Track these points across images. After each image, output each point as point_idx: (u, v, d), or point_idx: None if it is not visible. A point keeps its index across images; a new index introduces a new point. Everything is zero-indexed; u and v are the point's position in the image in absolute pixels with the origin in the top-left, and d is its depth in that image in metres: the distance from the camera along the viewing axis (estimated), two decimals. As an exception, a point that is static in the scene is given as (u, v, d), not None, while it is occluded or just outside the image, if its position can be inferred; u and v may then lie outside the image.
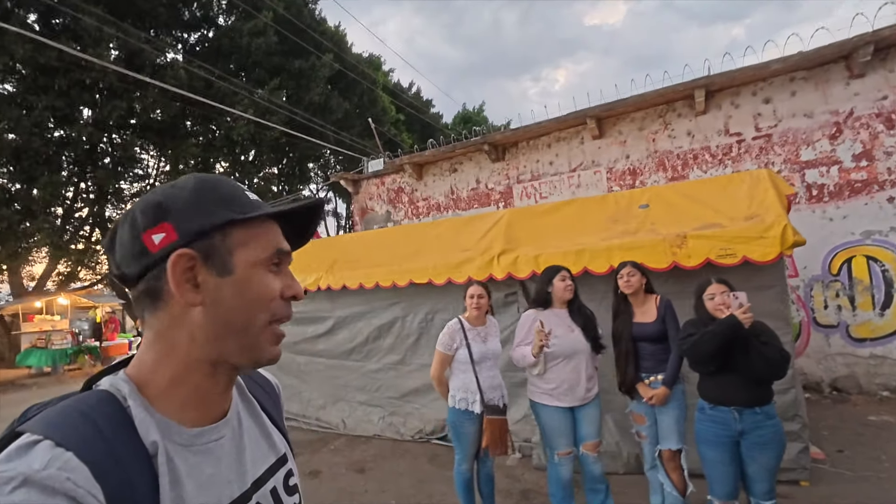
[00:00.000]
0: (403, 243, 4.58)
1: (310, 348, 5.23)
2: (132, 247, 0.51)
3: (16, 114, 11.41)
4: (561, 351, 2.56)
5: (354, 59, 20.15)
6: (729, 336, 2.18)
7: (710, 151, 5.64)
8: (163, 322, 0.52)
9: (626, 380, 2.62)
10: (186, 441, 0.51)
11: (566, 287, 2.63)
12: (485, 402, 2.59)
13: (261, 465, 0.60)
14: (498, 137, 6.84)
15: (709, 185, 3.38)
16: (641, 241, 3.14)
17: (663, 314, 2.61)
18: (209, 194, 0.54)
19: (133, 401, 0.49)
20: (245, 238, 0.55)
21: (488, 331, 2.78)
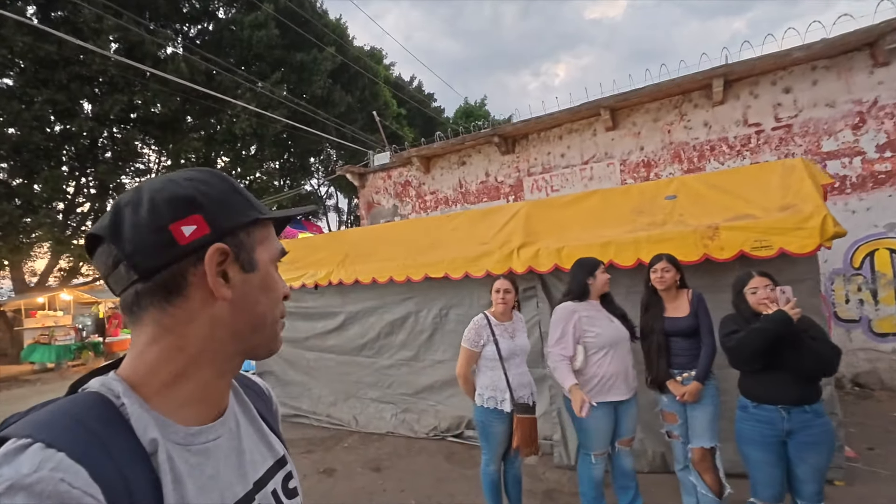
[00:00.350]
0: (418, 237, 4.46)
1: (320, 344, 5.13)
2: (155, 237, 0.49)
3: (16, 108, 11.26)
4: (606, 341, 2.49)
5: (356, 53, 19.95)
6: (780, 332, 2.08)
7: (728, 143, 5.51)
8: (176, 317, 0.51)
9: (657, 375, 2.53)
10: (184, 440, 0.50)
11: (606, 280, 2.58)
12: (514, 400, 2.50)
13: (260, 466, 0.60)
14: (508, 129, 6.70)
15: (739, 175, 3.26)
16: (670, 232, 3.03)
17: (695, 308, 2.52)
18: (235, 192, 0.56)
19: (128, 398, 0.47)
20: (263, 236, 0.58)
21: (515, 326, 2.68)
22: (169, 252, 0.50)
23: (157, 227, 0.50)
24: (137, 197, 0.51)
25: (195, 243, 0.50)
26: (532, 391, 2.63)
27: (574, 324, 2.49)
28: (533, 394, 2.63)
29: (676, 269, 2.56)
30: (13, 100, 11.30)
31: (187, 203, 0.51)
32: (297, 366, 5.32)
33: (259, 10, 15.23)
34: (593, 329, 2.50)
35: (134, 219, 0.50)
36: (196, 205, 0.51)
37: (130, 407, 0.47)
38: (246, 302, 0.54)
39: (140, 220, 0.50)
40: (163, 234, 0.50)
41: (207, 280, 0.51)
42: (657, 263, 2.57)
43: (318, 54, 16.51)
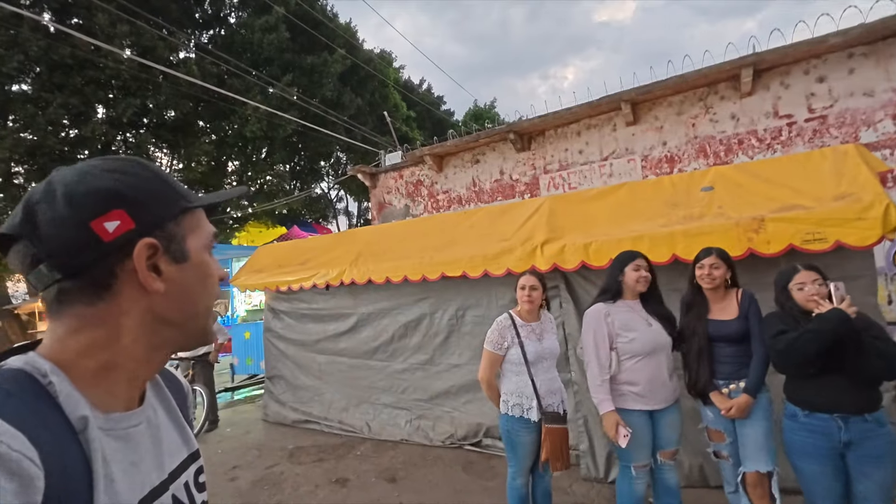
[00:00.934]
0: (433, 234, 4.27)
1: (331, 347, 4.95)
2: (77, 235, 0.47)
3: (31, 111, 11.35)
4: (641, 348, 2.24)
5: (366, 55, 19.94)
6: (838, 333, 1.84)
7: (757, 135, 5.24)
8: (106, 311, 0.50)
9: (698, 381, 2.26)
10: (106, 425, 0.49)
11: (639, 278, 2.31)
12: (543, 408, 2.27)
13: (176, 457, 0.60)
14: (524, 125, 6.49)
15: (783, 164, 3.02)
16: (710, 226, 2.79)
17: (746, 310, 2.25)
18: (161, 180, 0.54)
19: (56, 377, 0.46)
20: (192, 224, 0.56)
21: (544, 327, 2.46)
22: (93, 250, 0.48)
23: (77, 223, 0.47)
24: (49, 190, 0.48)
25: (120, 239, 0.49)
26: (563, 399, 2.41)
27: (606, 329, 2.27)
28: (564, 402, 2.41)
29: (727, 266, 2.31)
30: (28, 104, 11.39)
31: (108, 196, 0.49)
32: (307, 370, 5.15)
33: (270, 14, 15.27)
34: (628, 334, 2.26)
35: (50, 215, 0.47)
36: (118, 198, 0.49)
37: (59, 384, 0.46)
38: (180, 292, 0.53)
39: (57, 216, 0.47)
40: (84, 231, 0.47)
41: (137, 275, 0.50)
42: (705, 258, 2.31)
43: (329, 57, 16.50)
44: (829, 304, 1.91)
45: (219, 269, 0.59)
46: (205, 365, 5.31)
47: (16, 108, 11.34)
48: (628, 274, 2.31)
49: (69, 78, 11.67)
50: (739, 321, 2.24)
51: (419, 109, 24.45)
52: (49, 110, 11.37)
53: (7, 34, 10.39)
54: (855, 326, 1.84)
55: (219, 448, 4.55)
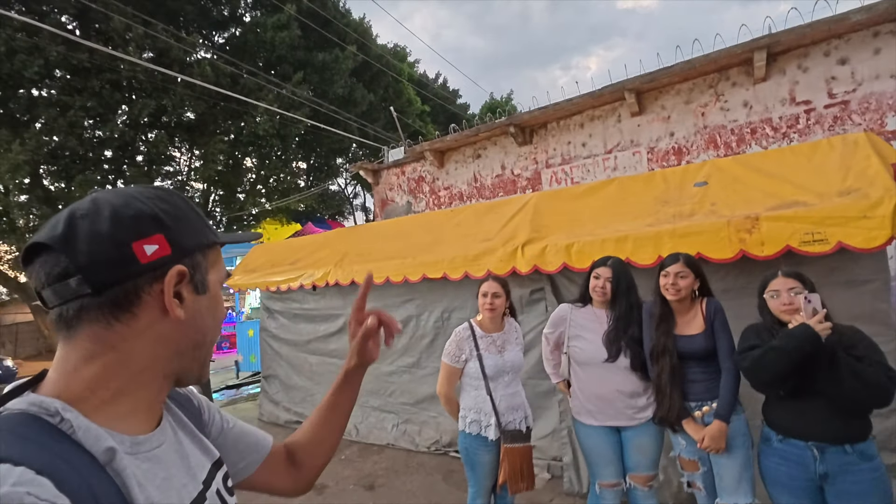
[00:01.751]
0: (419, 233, 4.13)
1: (322, 347, 4.89)
2: (115, 252, 0.49)
3: (52, 115, 11.73)
4: (587, 358, 2.13)
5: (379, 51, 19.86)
6: (805, 352, 1.62)
7: (772, 124, 4.88)
8: (121, 334, 0.50)
9: (670, 410, 1.99)
10: (132, 449, 0.49)
11: (595, 287, 2.15)
12: (502, 426, 2.12)
13: (203, 468, 0.60)
14: (525, 118, 6.26)
15: (786, 155, 2.74)
16: (699, 225, 2.56)
17: (712, 321, 2.00)
18: (195, 213, 0.58)
19: (69, 413, 0.45)
20: (215, 259, 0.60)
21: (506, 337, 2.29)
22: (127, 269, 0.49)
23: (119, 242, 0.49)
24: (95, 209, 0.50)
25: (155, 262, 0.51)
26: (526, 414, 2.24)
27: (559, 331, 2.24)
28: (527, 418, 2.25)
29: (696, 276, 2.06)
30: (50, 107, 11.77)
31: (152, 222, 0.51)
32: (300, 370, 5.11)
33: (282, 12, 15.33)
34: (578, 342, 2.15)
35: (92, 231, 0.48)
36: (160, 224, 0.51)
37: (76, 421, 0.45)
38: (194, 322, 0.55)
39: (99, 233, 0.48)
40: (123, 250, 0.49)
41: (161, 299, 0.51)
42: (671, 265, 2.05)
43: (340, 53, 16.48)
44: (800, 318, 1.68)
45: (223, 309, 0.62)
46: (201, 364, 5.34)
47: (39, 112, 11.73)
48: (591, 282, 2.15)
49: (87, 81, 12.00)
50: (706, 336, 2.00)
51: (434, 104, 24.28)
52: (69, 113, 11.73)
53: (28, 41, 10.71)
54: (830, 344, 1.62)
55: (209, 448, 4.56)
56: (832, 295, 2.50)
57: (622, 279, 2.15)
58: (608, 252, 2.78)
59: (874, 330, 2.45)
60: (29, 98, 11.87)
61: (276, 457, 0.80)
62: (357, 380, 0.84)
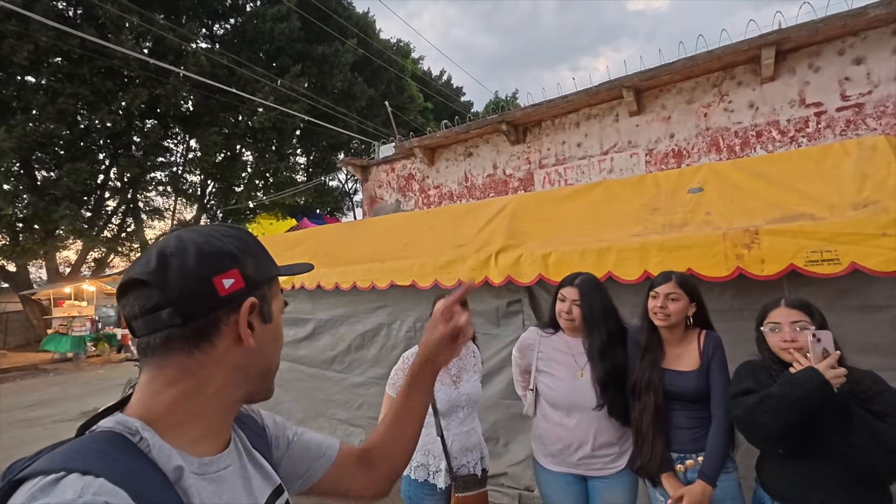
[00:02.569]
0: (392, 235, 3.83)
1: (291, 353, 4.59)
2: (200, 287, 0.54)
3: (41, 101, 11.49)
4: (554, 399, 1.80)
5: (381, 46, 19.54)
6: (810, 404, 1.30)
7: (779, 127, 4.54)
8: (200, 361, 0.55)
9: (652, 458, 1.65)
10: (199, 470, 0.53)
11: (560, 311, 1.83)
12: (453, 471, 1.80)
13: (263, 493, 0.63)
14: (517, 115, 5.94)
15: (792, 160, 2.42)
16: (691, 237, 2.24)
17: (709, 360, 1.66)
18: (261, 249, 0.63)
19: (147, 433, 0.50)
20: (276, 289, 0.65)
21: (462, 364, 1.97)
22: (209, 301, 0.54)
23: (203, 276, 0.54)
24: (182, 247, 0.55)
25: (232, 295, 0.55)
26: (482, 455, 1.93)
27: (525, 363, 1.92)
28: (483, 459, 1.92)
29: (691, 299, 1.72)
30: (38, 94, 11.53)
31: (229, 257, 0.56)
32: (269, 376, 4.83)
33: (281, 3, 15.04)
34: (546, 380, 1.83)
35: (181, 267, 0.53)
36: (235, 260, 0.57)
37: (152, 440, 0.49)
38: (262, 349, 0.60)
39: (187, 269, 0.53)
40: (206, 285, 0.54)
41: (237, 329, 0.56)
42: (661, 285, 1.73)
43: (340, 47, 16.18)
44: (806, 361, 1.36)
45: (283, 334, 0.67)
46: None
47: (28, 98, 11.48)
48: (557, 305, 1.82)
49: (78, 68, 11.75)
50: (699, 375, 1.66)
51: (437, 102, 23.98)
52: (59, 100, 11.48)
53: (17, 25, 10.46)
54: (836, 396, 1.30)
55: (165, 459, 4.28)
56: (842, 322, 2.18)
57: (595, 302, 1.81)
58: (588, 264, 2.47)
59: (892, 363, 2.15)
60: (18, 84, 11.61)
61: (345, 459, 0.81)
62: (426, 382, 0.84)
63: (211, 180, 17.11)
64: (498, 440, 3.28)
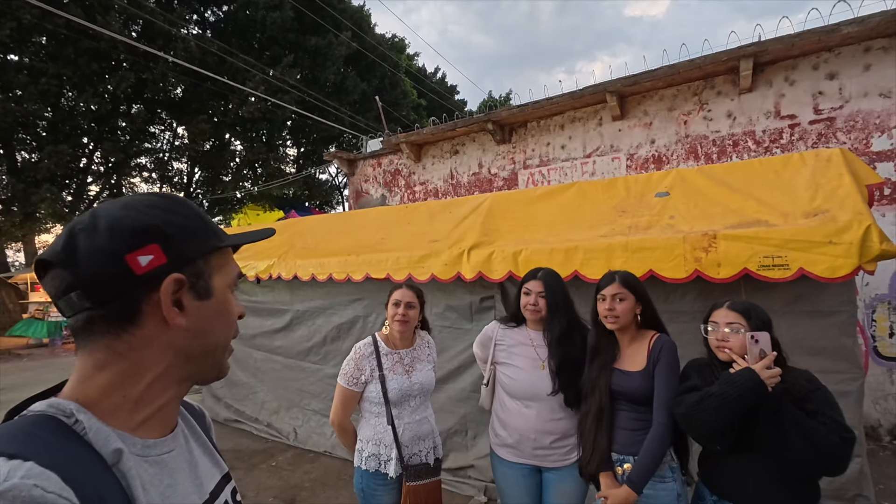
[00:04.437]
0: (371, 229, 3.85)
1: (267, 343, 4.59)
2: (111, 266, 0.49)
3: (23, 81, 11.22)
4: (514, 389, 1.85)
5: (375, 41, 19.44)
6: (746, 403, 1.37)
7: (755, 137, 4.66)
8: (129, 343, 0.52)
9: (591, 457, 1.67)
10: (141, 451, 0.51)
11: (526, 304, 1.87)
12: (404, 460, 1.83)
13: (211, 479, 0.61)
14: (503, 115, 5.99)
15: (754, 168, 2.50)
16: (654, 240, 2.31)
17: (655, 361, 1.66)
18: (199, 219, 0.57)
19: (83, 415, 0.47)
20: (220, 263, 0.59)
21: (416, 355, 2.00)
22: (123, 281, 0.50)
23: (113, 255, 0.49)
24: (93, 223, 0.50)
25: (151, 273, 0.50)
26: (435, 444, 1.96)
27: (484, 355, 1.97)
28: (436, 447, 1.96)
29: (637, 299, 1.73)
30: (20, 73, 11.26)
31: (147, 232, 0.51)
32: (244, 365, 4.81)
33: (275, -9, 14.87)
34: (506, 371, 1.88)
35: (89, 246, 0.49)
36: (156, 233, 0.51)
37: (88, 422, 0.47)
38: (200, 328, 0.55)
39: (95, 247, 0.49)
40: (118, 263, 0.49)
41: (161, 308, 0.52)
42: (607, 286, 1.73)
43: (334, 39, 16.07)
44: (743, 362, 1.43)
45: (238, 306, 0.61)
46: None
47: (9, 78, 11.20)
48: (522, 298, 1.88)
49: (63, 49, 11.50)
50: (643, 376, 1.67)
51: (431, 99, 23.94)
52: (42, 81, 11.23)
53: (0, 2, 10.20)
54: (771, 395, 1.37)
55: (135, 445, 4.27)
56: (794, 325, 2.28)
57: (558, 293, 1.85)
58: (556, 263, 2.53)
59: (838, 367, 2.25)
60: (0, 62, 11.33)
61: None
62: None
63: (198, 168, 16.89)
64: (466, 433, 3.33)
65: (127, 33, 12.46)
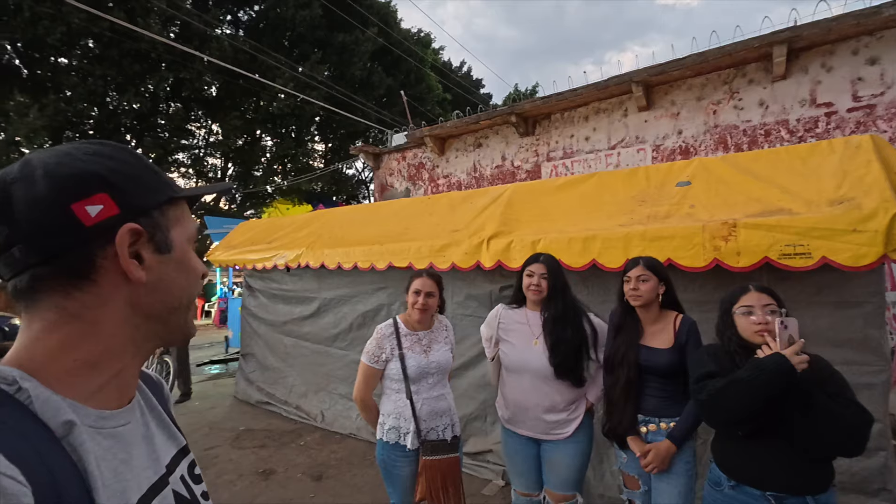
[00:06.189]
0: (395, 220, 3.96)
1: (297, 330, 4.80)
2: (56, 217, 0.45)
3: (73, 82, 11.92)
4: (508, 363, 2.03)
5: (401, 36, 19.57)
6: (775, 388, 1.38)
7: (789, 126, 4.51)
8: (83, 302, 0.47)
9: (620, 423, 1.85)
10: (96, 423, 0.47)
11: (528, 285, 2.01)
12: (421, 435, 1.95)
13: (167, 453, 0.59)
14: (527, 107, 5.99)
15: (780, 156, 2.45)
16: (672, 228, 2.31)
17: (684, 341, 1.82)
18: (147, 168, 0.53)
19: (28, 383, 0.43)
20: (178, 215, 0.55)
21: (434, 336, 2.11)
22: (73, 234, 0.45)
23: (57, 205, 0.45)
24: (28, 172, 0.45)
25: (103, 224, 0.47)
26: (452, 421, 2.06)
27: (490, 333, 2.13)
28: (454, 425, 2.06)
29: (659, 279, 1.88)
30: (70, 74, 11.96)
31: (92, 180, 0.47)
32: (276, 350, 5.04)
33: (304, -11, 15.17)
34: (504, 347, 2.05)
35: (27, 196, 0.44)
36: (102, 182, 0.47)
37: (34, 391, 0.43)
38: (161, 284, 0.52)
39: (35, 198, 0.44)
40: (64, 214, 0.45)
41: (118, 262, 0.48)
42: (631, 269, 1.91)
43: (361, 35, 16.29)
44: (774, 346, 1.45)
45: (200, 264, 0.58)
46: (179, 338, 5.35)
47: (60, 79, 11.92)
48: (523, 280, 1.99)
49: (108, 50, 12.13)
50: (672, 352, 1.82)
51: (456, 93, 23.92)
52: (89, 81, 11.89)
53: (51, 7, 10.85)
54: (802, 381, 1.38)
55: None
56: (818, 316, 2.25)
57: (558, 275, 2.01)
58: (574, 252, 2.58)
59: (864, 358, 2.21)
60: (51, 65, 12.06)
61: None
62: None
63: (231, 164, 17.50)
64: (486, 418, 3.42)
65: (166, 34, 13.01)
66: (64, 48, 11.85)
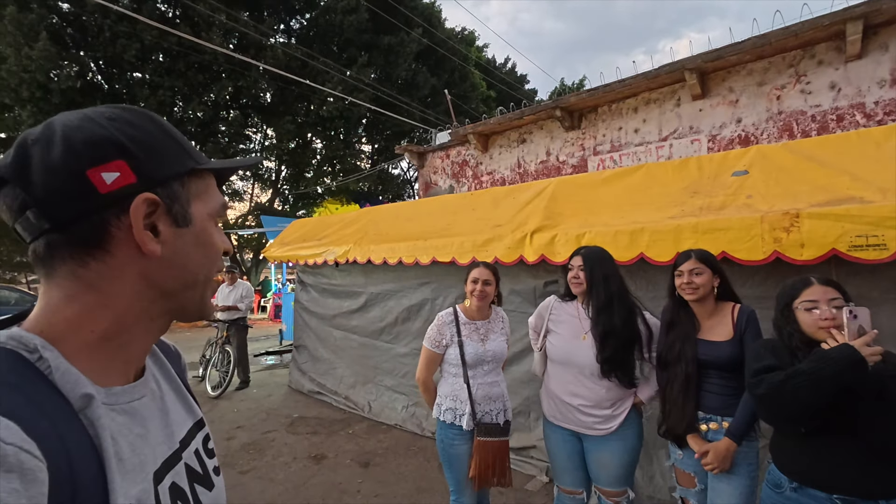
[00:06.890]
0: (438, 216, 4.03)
1: (345, 323, 5.00)
2: (70, 183, 0.43)
3: (145, 94, 13.02)
4: (553, 354, 2.03)
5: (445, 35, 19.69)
6: (843, 382, 1.29)
7: (864, 110, 4.13)
8: (98, 272, 0.46)
9: (680, 421, 1.78)
10: (109, 400, 0.46)
11: (571, 279, 2.02)
12: (476, 417, 2.02)
13: (183, 426, 0.57)
14: (572, 101, 5.86)
15: (850, 141, 2.27)
16: (727, 220, 2.21)
17: (743, 331, 1.74)
18: (168, 136, 0.51)
19: (49, 353, 0.42)
20: (200, 189, 0.53)
21: (490, 326, 2.19)
22: (87, 201, 0.44)
23: (73, 171, 0.44)
24: (48, 134, 0.45)
25: (118, 192, 0.45)
26: (505, 407, 2.14)
27: (538, 323, 2.14)
28: (506, 411, 2.14)
29: (714, 272, 1.81)
30: (143, 87, 13.07)
31: (109, 146, 0.45)
32: (326, 343, 5.28)
33: (351, -5, 15.66)
34: (551, 338, 2.04)
35: (45, 159, 0.44)
36: (120, 148, 0.46)
37: (54, 361, 0.41)
38: (178, 258, 0.50)
39: (52, 161, 0.43)
40: (79, 180, 0.44)
41: (133, 233, 0.46)
42: (683, 263, 1.84)
43: (406, 37, 16.58)
44: (841, 337, 1.35)
45: (224, 241, 0.56)
46: (239, 328, 5.72)
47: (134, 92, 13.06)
48: (568, 274, 1.98)
49: (175, 64, 13.14)
50: (733, 344, 1.75)
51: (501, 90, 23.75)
52: (159, 93, 12.95)
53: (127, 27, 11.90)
54: (873, 374, 1.29)
55: (235, 407, 4.88)
56: (893, 314, 2.06)
57: (596, 267, 1.96)
58: (621, 245, 2.52)
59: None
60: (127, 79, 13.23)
61: None
62: None
63: (284, 166, 18.41)
64: (529, 414, 3.41)
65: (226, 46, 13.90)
66: (138, 63, 12.97)
